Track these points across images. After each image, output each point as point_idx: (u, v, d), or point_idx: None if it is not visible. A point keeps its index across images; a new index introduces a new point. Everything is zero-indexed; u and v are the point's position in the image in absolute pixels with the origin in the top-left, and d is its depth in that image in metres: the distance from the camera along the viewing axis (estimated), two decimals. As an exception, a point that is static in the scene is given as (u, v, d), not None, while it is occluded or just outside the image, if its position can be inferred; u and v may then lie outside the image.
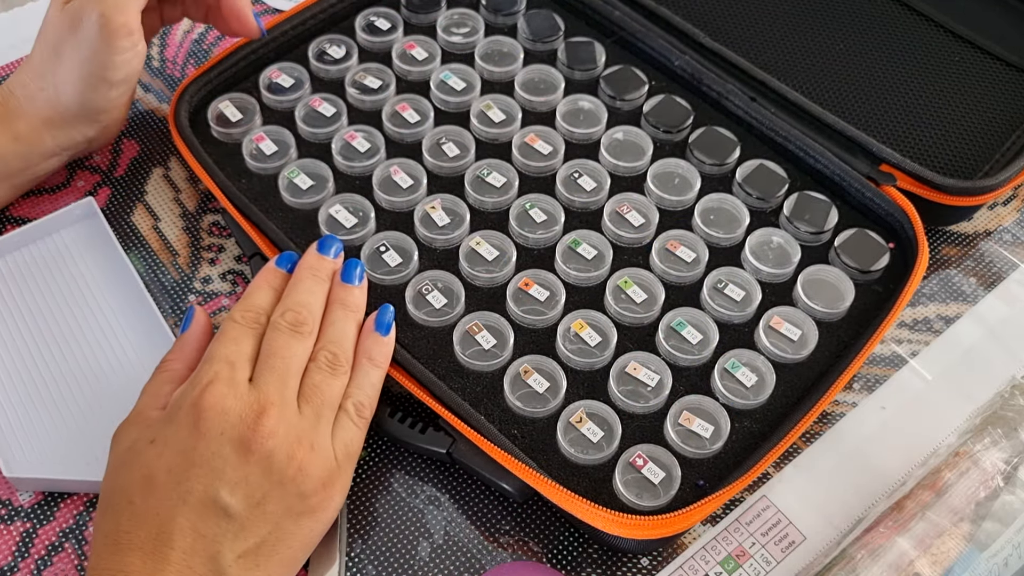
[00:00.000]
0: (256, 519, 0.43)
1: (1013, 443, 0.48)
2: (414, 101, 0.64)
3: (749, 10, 0.72)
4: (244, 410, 0.44)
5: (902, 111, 0.66)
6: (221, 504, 0.42)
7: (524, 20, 0.68)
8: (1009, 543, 0.45)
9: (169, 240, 0.61)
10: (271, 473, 0.43)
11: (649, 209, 0.59)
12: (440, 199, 0.59)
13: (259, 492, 0.43)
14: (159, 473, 0.43)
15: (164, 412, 0.46)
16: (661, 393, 0.52)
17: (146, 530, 0.42)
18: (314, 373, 0.47)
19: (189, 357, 0.49)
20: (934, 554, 0.45)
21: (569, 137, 0.63)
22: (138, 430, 0.45)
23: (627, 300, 0.56)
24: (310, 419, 0.46)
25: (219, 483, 0.42)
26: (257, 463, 0.43)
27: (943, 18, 0.71)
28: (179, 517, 0.42)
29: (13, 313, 0.57)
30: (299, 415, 0.45)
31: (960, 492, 0.47)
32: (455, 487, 0.52)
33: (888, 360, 0.58)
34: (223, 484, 0.42)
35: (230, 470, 0.43)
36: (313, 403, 0.46)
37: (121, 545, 0.42)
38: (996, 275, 0.62)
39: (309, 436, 0.45)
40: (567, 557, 0.50)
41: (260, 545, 0.43)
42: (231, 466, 0.43)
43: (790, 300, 0.57)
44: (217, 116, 0.63)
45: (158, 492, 0.42)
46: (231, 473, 0.43)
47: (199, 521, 0.42)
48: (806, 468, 0.54)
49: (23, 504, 0.51)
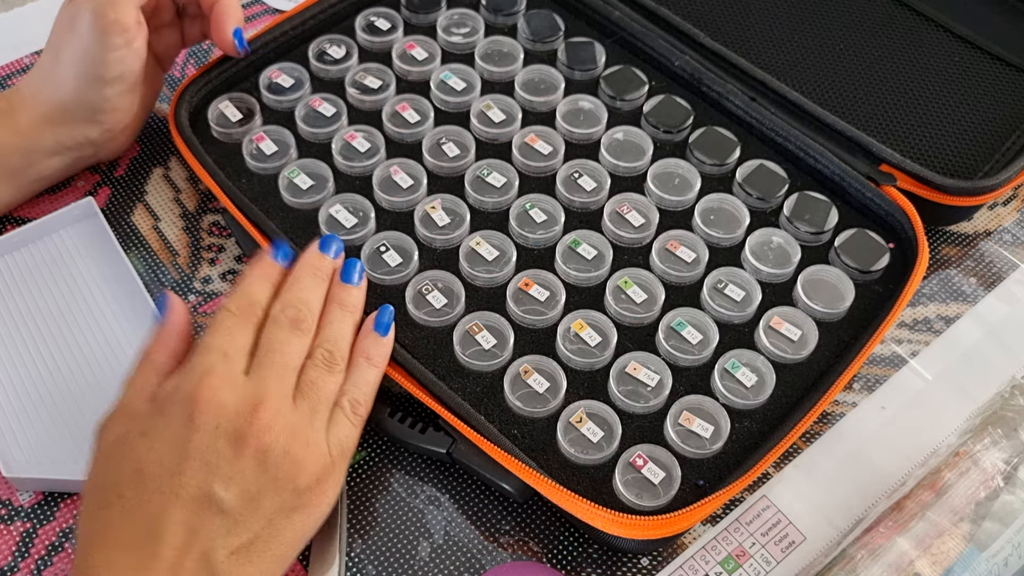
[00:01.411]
0: (250, 515, 0.42)
1: (1013, 443, 0.48)
2: (414, 101, 0.64)
3: (749, 10, 0.72)
4: (240, 404, 0.43)
5: (902, 111, 0.66)
6: (215, 499, 0.41)
7: (524, 20, 0.68)
8: (1009, 543, 0.45)
9: (169, 240, 0.61)
10: (266, 468, 0.43)
11: (649, 209, 0.59)
12: (440, 199, 0.59)
13: (254, 487, 0.42)
14: (150, 466, 0.42)
15: (153, 404, 0.44)
16: (661, 393, 0.52)
17: (136, 525, 0.41)
18: (310, 370, 0.47)
19: (172, 348, 0.48)
20: (934, 554, 0.45)
21: (569, 137, 0.63)
22: (126, 423, 0.44)
23: (627, 300, 0.56)
24: (306, 415, 0.45)
25: (213, 477, 0.41)
26: (252, 458, 0.42)
27: (943, 18, 0.71)
28: (171, 512, 0.41)
29: (13, 313, 0.57)
30: (295, 411, 0.45)
31: (960, 492, 0.47)
32: (455, 487, 0.52)
33: (888, 360, 0.58)
34: (217, 479, 0.41)
35: (225, 464, 0.42)
36: (309, 399, 0.46)
37: (109, 541, 0.41)
38: (996, 275, 0.62)
39: (304, 432, 0.45)
40: (567, 557, 0.50)
41: (253, 541, 0.42)
42: (226, 460, 0.42)
43: (790, 300, 0.57)
44: (217, 116, 0.63)
45: (150, 486, 0.41)
46: (226, 468, 0.42)
47: (192, 516, 0.41)
48: (806, 468, 0.54)
49: (23, 504, 0.51)
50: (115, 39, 0.55)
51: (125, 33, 0.55)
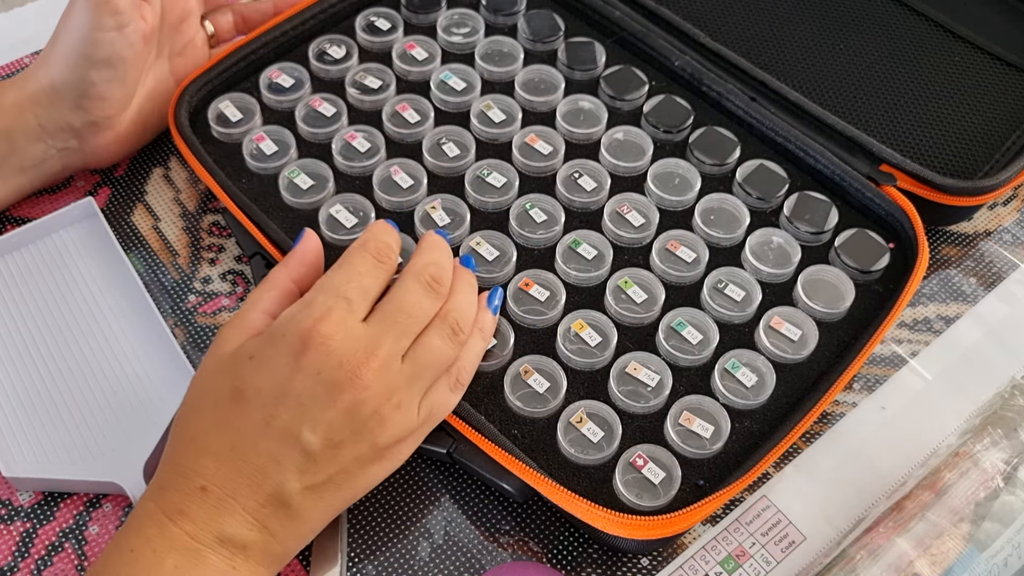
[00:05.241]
0: (328, 459, 0.43)
1: (1013, 443, 0.48)
2: (414, 101, 0.64)
3: (749, 10, 0.71)
4: (348, 355, 0.44)
5: (902, 111, 0.66)
6: (301, 439, 0.43)
7: (524, 20, 0.68)
8: (1009, 543, 0.45)
9: (169, 240, 0.61)
10: (353, 421, 0.43)
11: (649, 209, 0.59)
12: (440, 199, 0.59)
13: (338, 436, 0.43)
14: (250, 391, 0.43)
15: (270, 329, 0.45)
16: (661, 393, 0.52)
17: (225, 438, 0.43)
18: (434, 336, 0.47)
19: (300, 275, 0.49)
20: (934, 554, 0.45)
21: (569, 137, 0.63)
22: (241, 338, 0.45)
23: (627, 300, 0.56)
24: (408, 376, 0.45)
25: (303, 419, 0.43)
26: (345, 409, 0.43)
27: (943, 18, 0.71)
28: (259, 438, 0.43)
29: (13, 313, 0.57)
30: (399, 371, 0.45)
31: (960, 492, 0.47)
32: (455, 487, 0.52)
33: (888, 360, 0.58)
34: (307, 421, 0.43)
35: (317, 410, 0.43)
36: (419, 362, 0.46)
37: (198, 444, 0.43)
38: (996, 275, 0.62)
39: (400, 393, 0.45)
40: (567, 557, 0.50)
41: (327, 482, 0.44)
42: (319, 406, 0.43)
43: (790, 300, 0.57)
44: (217, 116, 0.63)
45: (245, 408, 0.43)
46: (317, 412, 0.43)
47: (276, 447, 0.43)
48: (806, 468, 0.54)
49: (23, 504, 0.51)
50: (106, 19, 0.55)
51: (117, 16, 0.55)
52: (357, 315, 0.45)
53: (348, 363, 0.43)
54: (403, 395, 0.45)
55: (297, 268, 0.49)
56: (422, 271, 0.47)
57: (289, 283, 0.49)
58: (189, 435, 0.44)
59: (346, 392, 0.43)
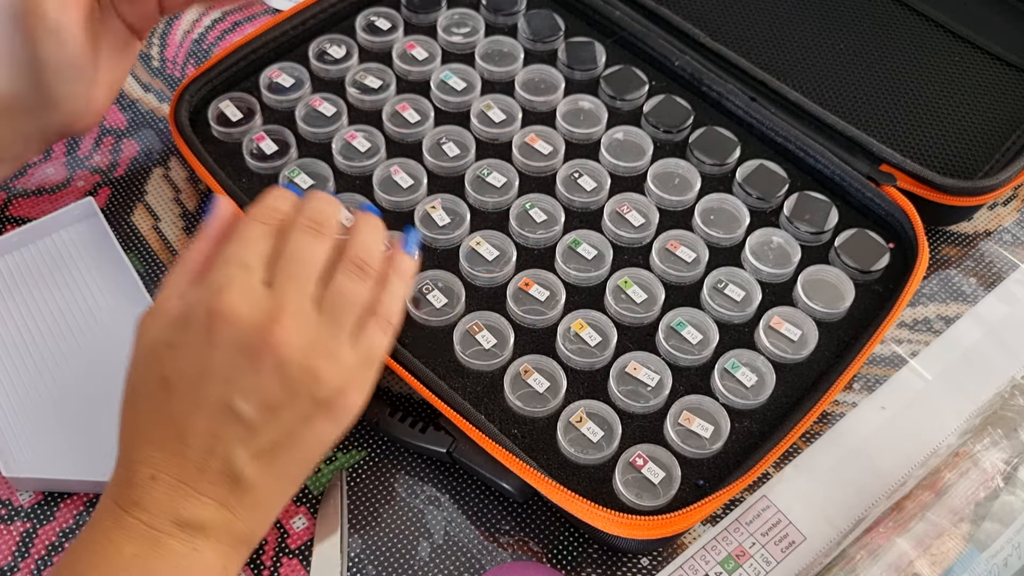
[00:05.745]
0: (269, 423, 0.43)
1: (1013, 443, 0.48)
2: (414, 101, 0.64)
3: (749, 10, 0.71)
4: (258, 317, 0.43)
5: (902, 111, 0.66)
6: (236, 410, 0.42)
7: (524, 20, 0.68)
8: (1009, 543, 0.45)
9: (169, 240, 0.61)
10: (284, 380, 0.43)
11: (649, 209, 0.59)
12: (440, 199, 0.59)
13: (273, 399, 0.43)
14: (174, 377, 0.43)
15: (181, 313, 0.45)
16: (661, 393, 0.52)
17: (163, 427, 0.43)
18: (340, 277, 0.46)
19: (211, 251, 0.48)
20: (934, 554, 0.45)
21: (569, 137, 0.63)
22: (158, 327, 0.45)
23: (627, 300, 0.56)
24: (328, 325, 0.45)
25: (233, 390, 0.43)
26: (271, 371, 0.43)
27: (943, 18, 0.71)
28: (195, 419, 0.42)
29: (13, 313, 0.57)
30: (317, 321, 0.44)
31: (960, 492, 0.47)
32: (455, 487, 0.52)
33: (888, 360, 0.58)
34: (237, 391, 0.43)
35: (243, 378, 0.43)
36: (334, 308, 0.45)
37: (140, 436, 0.43)
38: (996, 275, 0.62)
39: (325, 343, 0.44)
40: (567, 557, 0.50)
41: (274, 447, 0.43)
42: (245, 374, 0.43)
43: (790, 300, 0.57)
44: (217, 116, 0.63)
45: (175, 394, 0.43)
46: (244, 381, 0.43)
47: (214, 424, 0.42)
48: (806, 468, 0.54)
49: (23, 504, 0.51)
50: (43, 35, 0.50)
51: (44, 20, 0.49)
52: (257, 278, 0.45)
53: (259, 326, 0.43)
54: (328, 344, 0.44)
55: (206, 245, 0.48)
56: (300, 219, 0.47)
57: (200, 261, 0.47)
58: (131, 428, 0.44)
59: (266, 354, 0.43)
